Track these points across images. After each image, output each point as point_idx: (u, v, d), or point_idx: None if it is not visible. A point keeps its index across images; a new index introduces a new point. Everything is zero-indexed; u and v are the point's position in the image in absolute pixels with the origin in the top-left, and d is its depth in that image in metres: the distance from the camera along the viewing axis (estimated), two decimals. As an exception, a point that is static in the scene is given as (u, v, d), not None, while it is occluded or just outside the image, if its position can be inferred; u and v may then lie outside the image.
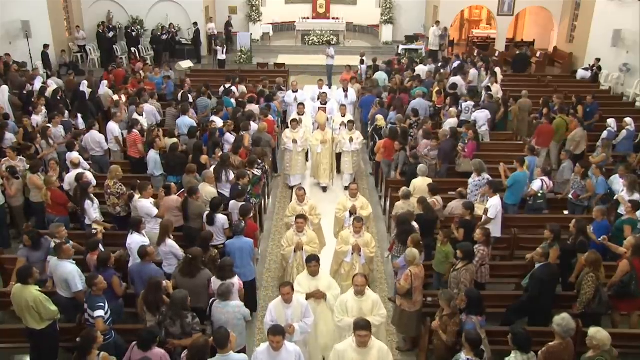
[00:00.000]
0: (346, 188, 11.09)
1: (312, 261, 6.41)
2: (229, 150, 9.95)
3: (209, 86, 13.81)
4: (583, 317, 6.50)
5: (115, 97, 12.79)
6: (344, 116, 12.09)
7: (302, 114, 12.09)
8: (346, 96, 13.71)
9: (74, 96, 13.84)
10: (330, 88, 17.41)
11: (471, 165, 9.65)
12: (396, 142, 10.42)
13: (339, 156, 11.70)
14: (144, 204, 7.99)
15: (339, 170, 11.85)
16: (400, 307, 6.84)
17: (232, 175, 9.09)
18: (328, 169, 11.36)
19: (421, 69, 15.90)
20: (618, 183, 9.08)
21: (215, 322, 5.96)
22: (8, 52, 16.38)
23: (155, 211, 7.97)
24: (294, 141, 11.14)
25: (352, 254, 7.48)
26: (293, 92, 13.91)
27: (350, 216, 8.09)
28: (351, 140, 11.21)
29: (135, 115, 11.41)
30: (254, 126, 11.35)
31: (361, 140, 11.47)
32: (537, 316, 6.76)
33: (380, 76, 15.34)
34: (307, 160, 11.86)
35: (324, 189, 11.57)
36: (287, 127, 11.89)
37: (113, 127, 11.13)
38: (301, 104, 12.48)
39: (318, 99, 13.19)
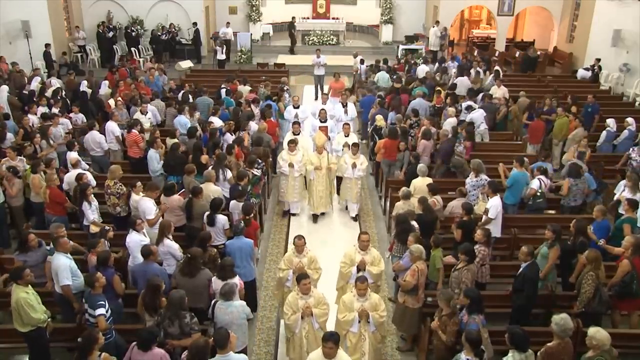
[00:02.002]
0: (354, 219, 10.40)
1: (329, 342, 5.11)
2: (224, 150, 9.93)
3: (203, 87, 13.78)
4: (583, 316, 6.51)
5: (111, 101, 12.79)
6: (347, 136, 10.86)
7: (298, 134, 10.79)
8: (346, 112, 12.58)
9: (74, 96, 13.88)
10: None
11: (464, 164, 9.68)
12: (402, 142, 10.44)
13: (340, 179, 10.53)
14: (147, 203, 7.94)
15: (338, 192, 10.75)
16: (403, 305, 6.83)
17: (229, 174, 9.10)
18: (325, 197, 10.23)
19: (421, 69, 15.91)
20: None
21: (219, 323, 5.92)
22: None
23: (151, 216, 7.83)
24: (291, 165, 10.04)
25: (359, 321, 6.16)
26: (294, 107, 12.54)
27: (358, 272, 6.86)
28: (354, 166, 10.01)
29: (138, 115, 11.41)
30: (254, 126, 11.37)
31: (365, 166, 10.24)
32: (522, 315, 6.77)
33: (383, 76, 15.33)
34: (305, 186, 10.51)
35: (319, 217, 10.45)
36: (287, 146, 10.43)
37: (113, 126, 11.12)
38: (296, 122, 11.22)
39: (318, 115, 12.02)
